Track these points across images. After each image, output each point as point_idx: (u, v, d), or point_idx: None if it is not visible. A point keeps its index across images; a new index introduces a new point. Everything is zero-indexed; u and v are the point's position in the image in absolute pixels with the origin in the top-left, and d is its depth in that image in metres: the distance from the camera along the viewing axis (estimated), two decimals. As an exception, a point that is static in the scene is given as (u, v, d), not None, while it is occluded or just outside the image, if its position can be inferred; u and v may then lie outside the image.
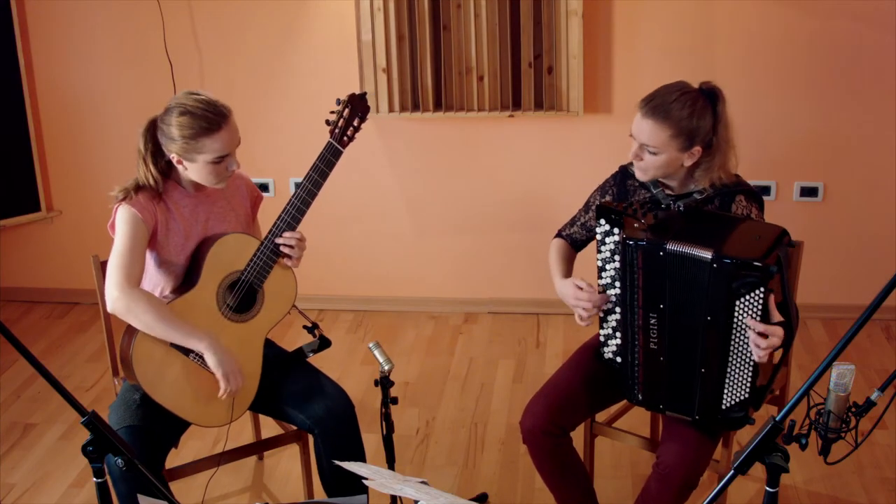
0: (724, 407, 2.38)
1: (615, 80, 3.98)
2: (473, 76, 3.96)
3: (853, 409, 2.02)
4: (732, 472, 1.80)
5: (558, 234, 2.77)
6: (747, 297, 2.23)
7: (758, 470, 1.83)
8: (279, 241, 2.56)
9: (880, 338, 3.98)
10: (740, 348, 2.30)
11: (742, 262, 2.21)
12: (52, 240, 4.55)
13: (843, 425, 2.02)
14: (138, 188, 2.52)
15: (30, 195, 4.38)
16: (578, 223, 2.74)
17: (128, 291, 2.44)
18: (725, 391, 2.36)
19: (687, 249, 2.29)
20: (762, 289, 2.21)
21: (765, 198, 3.99)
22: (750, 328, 2.25)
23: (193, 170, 2.49)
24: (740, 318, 2.26)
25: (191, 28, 4.15)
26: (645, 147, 2.43)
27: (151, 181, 2.51)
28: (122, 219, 2.51)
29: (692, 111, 2.40)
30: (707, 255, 2.25)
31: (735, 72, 3.88)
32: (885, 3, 3.74)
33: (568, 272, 2.67)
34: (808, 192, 4.03)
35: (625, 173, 2.66)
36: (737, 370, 2.33)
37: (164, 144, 2.49)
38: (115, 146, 4.38)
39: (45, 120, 4.38)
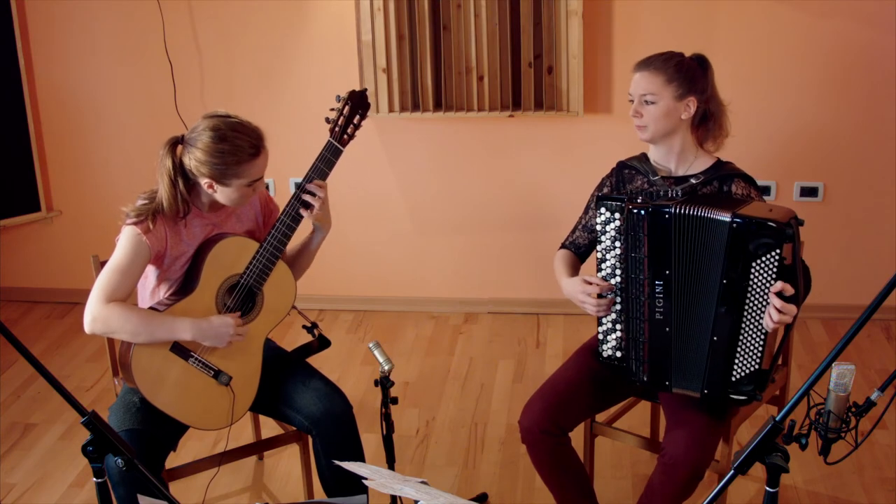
0: (734, 379, 2.39)
1: (615, 80, 3.98)
2: (473, 76, 3.96)
3: (853, 409, 2.02)
4: (732, 472, 1.80)
5: (561, 247, 2.79)
6: (763, 258, 2.27)
7: (758, 470, 1.84)
8: (307, 190, 2.55)
9: (880, 338, 3.98)
10: (753, 314, 2.32)
11: (760, 222, 2.27)
12: (52, 240, 4.55)
13: (843, 425, 2.02)
14: (155, 213, 2.46)
15: (30, 195, 4.38)
16: (580, 227, 2.75)
17: (101, 310, 2.40)
18: (736, 361, 2.37)
19: (700, 212, 2.34)
20: (778, 251, 2.25)
21: (765, 198, 4.02)
22: (766, 295, 2.28)
23: (224, 193, 2.47)
24: (755, 281, 2.29)
25: (191, 28, 4.15)
26: (643, 99, 2.53)
27: (180, 204, 2.46)
28: (127, 239, 2.45)
29: (680, 62, 2.55)
30: (726, 216, 2.30)
31: (735, 72, 3.88)
32: (885, 3, 3.74)
33: (574, 274, 2.68)
34: (808, 192, 4.03)
35: (622, 165, 2.69)
36: (748, 338, 2.35)
37: (194, 168, 2.43)
38: (114, 146, 4.38)
39: (45, 120, 4.39)
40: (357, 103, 2.64)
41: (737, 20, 3.85)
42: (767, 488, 1.81)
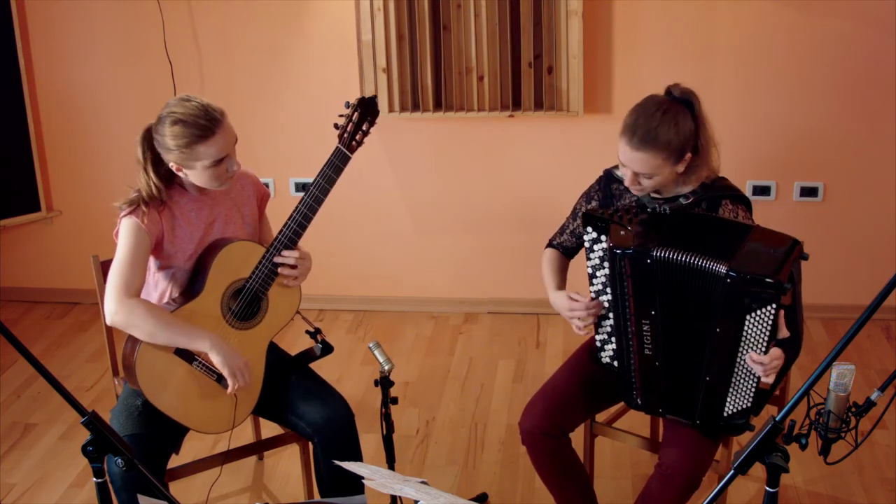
0: (726, 414, 2.38)
1: (615, 80, 3.98)
2: (473, 76, 3.96)
3: (853, 409, 2.02)
4: (732, 472, 1.80)
5: (549, 244, 2.78)
6: (759, 311, 2.21)
7: (758, 470, 1.83)
8: (277, 259, 2.54)
9: (880, 338, 3.98)
10: (747, 361, 2.30)
11: (756, 278, 2.18)
12: (52, 240, 4.55)
13: (843, 425, 2.02)
14: (144, 200, 2.48)
15: (30, 195, 4.38)
16: (567, 231, 2.74)
17: (125, 303, 2.42)
18: (729, 399, 2.36)
19: (688, 259, 2.27)
20: (774, 304, 2.19)
21: (765, 198, 4.02)
22: (751, 354, 2.25)
23: (193, 175, 2.48)
24: (749, 331, 2.25)
25: (191, 28, 4.15)
26: (639, 175, 2.43)
27: (154, 191, 2.48)
28: (125, 229, 2.48)
29: (677, 128, 2.38)
30: (721, 268, 2.22)
31: (735, 72, 3.88)
32: (885, 3, 3.74)
33: (562, 283, 2.68)
34: (808, 192, 4.03)
35: (609, 177, 2.66)
36: (742, 381, 2.33)
37: (162, 153, 2.47)
38: (114, 146, 4.38)
39: (45, 120, 4.38)
40: (366, 110, 2.62)
41: (737, 20, 3.84)
42: (767, 488, 1.81)
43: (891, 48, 3.78)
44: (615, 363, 2.54)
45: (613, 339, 2.51)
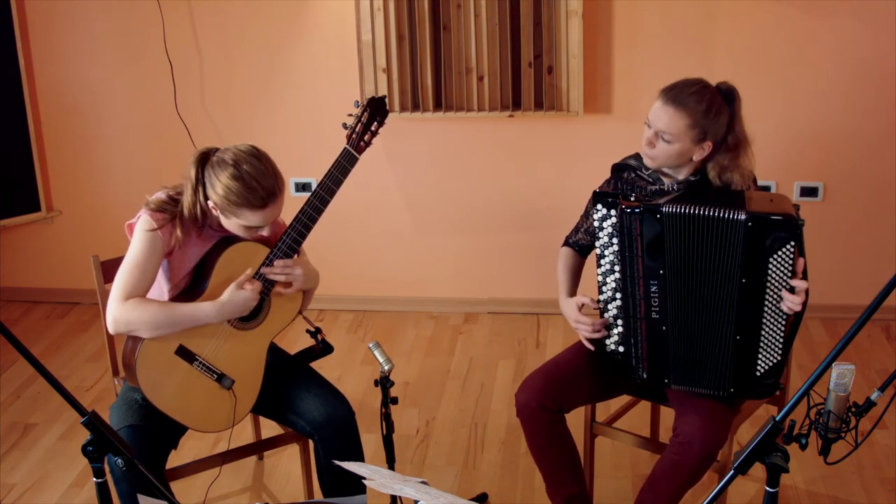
0: (758, 374, 2.40)
1: (615, 80, 3.98)
2: (473, 76, 3.96)
3: (853, 409, 2.02)
4: (732, 472, 1.80)
5: (566, 243, 2.80)
6: (780, 252, 2.27)
7: (758, 470, 1.84)
8: (266, 270, 2.51)
9: (880, 338, 3.98)
10: (773, 308, 2.32)
11: (773, 218, 2.25)
12: (52, 240, 4.55)
13: (843, 425, 2.02)
14: (176, 216, 2.45)
15: (30, 195, 4.38)
16: (582, 230, 2.76)
17: (120, 310, 2.41)
18: (760, 355, 2.38)
19: (705, 212, 2.31)
20: (793, 243, 2.25)
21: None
22: (783, 287, 2.29)
23: (225, 222, 2.47)
24: (773, 276, 2.29)
25: (191, 28, 4.15)
26: (660, 134, 2.47)
27: (199, 215, 2.46)
28: (141, 234, 2.44)
29: (710, 106, 2.46)
30: (740, 215, 2.28)
31: (735, 72, 3.88)
32: (885, 3, 3.74)
33: (574, 288, 2.70)
34: (808, 192, 4.03)
35: (617, 168, 2.68)
36: (770, 332, 2.35)
37: (208, 186, 2.43)
38: (115, 146, 4.38)
39: (45, 120, 4.39)
40: (375, 110, 2.61)
41: (737, 20, 3.85)
42: (767, 488, 1.81)
43: (891, 48, 3.78)
44: (620, 348, 2.55)
45: (619, 321, 2.52)
